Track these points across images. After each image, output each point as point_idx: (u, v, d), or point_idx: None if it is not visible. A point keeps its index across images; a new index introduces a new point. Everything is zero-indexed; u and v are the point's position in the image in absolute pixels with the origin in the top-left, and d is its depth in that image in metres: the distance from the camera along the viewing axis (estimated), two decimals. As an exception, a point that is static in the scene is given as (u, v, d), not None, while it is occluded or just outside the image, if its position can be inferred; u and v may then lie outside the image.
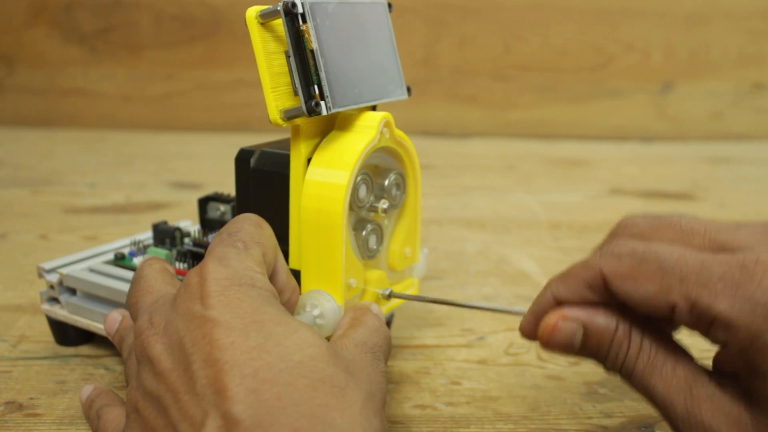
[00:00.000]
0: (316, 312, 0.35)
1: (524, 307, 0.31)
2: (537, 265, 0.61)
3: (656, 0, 1.17)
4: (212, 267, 0.30)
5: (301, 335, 0.28)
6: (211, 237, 0.45)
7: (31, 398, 0.39)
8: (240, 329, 0.27)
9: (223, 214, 0.48)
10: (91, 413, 0.35)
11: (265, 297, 0.30)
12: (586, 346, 0.29)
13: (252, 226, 0.34)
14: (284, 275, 0.34)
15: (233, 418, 0.24)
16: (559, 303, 0.29)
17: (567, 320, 0.29)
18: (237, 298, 0.29)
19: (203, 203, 0.48)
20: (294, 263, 0.37)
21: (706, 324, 0.26)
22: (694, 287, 0.26)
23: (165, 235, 0.47)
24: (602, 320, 0.28)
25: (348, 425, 0.25)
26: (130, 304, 0.35)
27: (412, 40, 1.17)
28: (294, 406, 0.25)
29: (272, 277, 0.33)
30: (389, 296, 0.39)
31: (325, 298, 0.35)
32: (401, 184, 0.40)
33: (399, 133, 0.39)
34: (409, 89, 0.40)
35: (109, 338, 0.38)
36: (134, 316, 0.34)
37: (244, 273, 0.30)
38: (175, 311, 0.29)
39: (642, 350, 0.28)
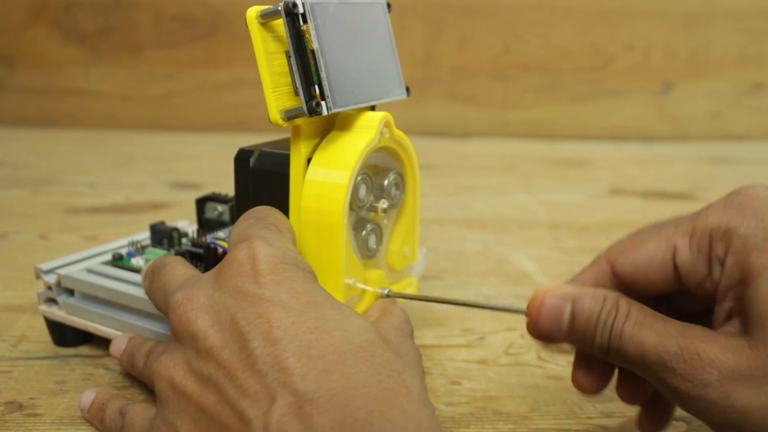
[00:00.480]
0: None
1: (525, 305, 0.31)
2: (537, 265, 0.61)
3: (656, 0, 1.17)
4: (260, 245, 0.29)
5: (355, 320, 0.28)
6: (209, 237, 0.45)
7: (31, 398, 0.39)
8: (297, 310, 0.27)
9: (221, 214, 0.48)
10: (108, 415, 0.34)
11: (312, 278, 0.30)
12: (575, 325, 0.29)
13: (277, 213, 0.34)
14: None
15: (305, 395, 0.24)
16: None
17: (554, 296, 0.29)
18: (288, 277, 0.28)
19: (201, 203, 0.48)
20: (294, 263, 0.37)
21: (705, 248, 0.28)
22: (689, 222, 0.29)
23: (162, 235, 0.47)
24: (590, 292, 0.29)
25: (415, 410, 0.25)
26: (154, 289, 0.34)
27: (412, 40, 1.17)
28: (365, 388, 0.25)
29: None
30: (387, 295, 0.39)
31: (325, 298, 0.35)
32: (400, 183, 0.40)
33: (398, 132, 0.39)
34: (408, 89, 0.40)
35: (117, 361, 0.38)
36: (161, 300, 0.33)
37: (288, 253, 0.30)
38: (222, 288, 0.29)
39: (630, 314, 0.28)
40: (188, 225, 0.52)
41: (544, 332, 0.29)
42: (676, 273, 0.29)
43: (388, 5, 0.39)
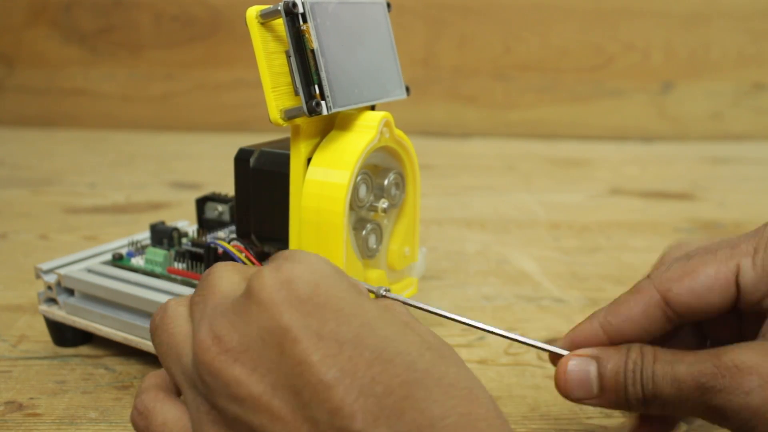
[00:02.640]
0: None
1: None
2: (537, 265, 0.61)
3: (656, 0, 1.17)
4: (291, 265, 0.25)
5: (410, 336, 0.25)
6: (209, 237, 0.45)
7: (31, 398, 0.39)
8: (351, 341, 0.23)
9: (221, 214, 0.48)
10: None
11: (357, 289, 0.26)
12: (605, 385, 0.29)
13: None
14: None
15: None
16: (609, 335, 0.30)
17: (576, 357, 0.29)
18: (333, 297, 0.24)
19: (201, 203, 0.48)
20: (294, 263, 0.37)
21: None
22: (750, 241, 0.29)
23: (162, 235, 0.47)
24: (611, 349, 0.29)
25: (499, 430, 0.23)
26: (192, 303, 0.28)
27: (412, 40, 1.17)
28: (441, 420, 0.22)
29: None
30: (384, 295, 0.38)
31: (325, 298, 0.35)
32: (400, 183, 0.40)
33: (398, 132, 0.39)
34: (408, 89, 0.40)
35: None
36: (193, 323, 0.28)
37: (325, 266, 0.26)
38: (255, 322, 0.24)
39: (657, 355, 0.28)
40: (188, 225, 0.52)
41: (576, 399, 0.29)
42: (738, 294, 0.29)
43: (388, 5, 0.39)
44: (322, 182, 0.35)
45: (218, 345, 0.24)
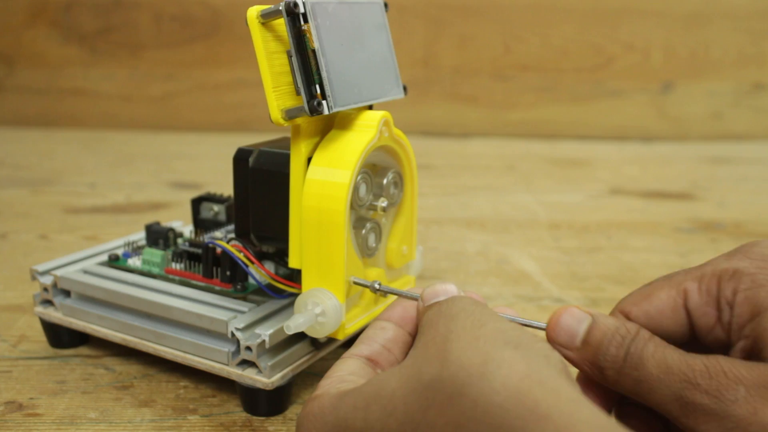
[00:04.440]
0: (317, 310, 0.35)
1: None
2: (537, 265, 0.61)
3: (656, 0, 1.17)
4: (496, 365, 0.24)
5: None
6: (206, 237, 0.45)
7: (31, 398, 0.39)
8: None
9: (217, 214, 0.48)
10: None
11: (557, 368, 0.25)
12: (590, 338, 0.29)
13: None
14: None
15: None
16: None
17: (576, 309, 0.30)
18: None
19: (196, 203, 0.48)
20: (294, 262, 0.37)
21: (714, 290, 0.28)
22: (698, 268, 0.29)
23: (158, 235, 0.46)
24: (612, 317, 0.29)
25: None
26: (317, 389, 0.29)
27: (412, 40, 1.17)
28: None
29: None
30: (378, 288, 0.37)
31: (326, 296, 0.35)
32: (399, 182, 0.40)
33: (397, 131, 0.39)
34: (405, 88, 0.40)
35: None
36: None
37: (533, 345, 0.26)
38: None
39: (653, 338, 0.28)
40: (182, 225, 0.52)
41: (559, 344, 0.29)
42: (689, 320, 0.29)
43: (386, 5, 0.39)
44: (323, 181, 0.35)
45: None
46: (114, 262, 0.45)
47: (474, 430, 0.23)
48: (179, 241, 0.47)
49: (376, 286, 0.36)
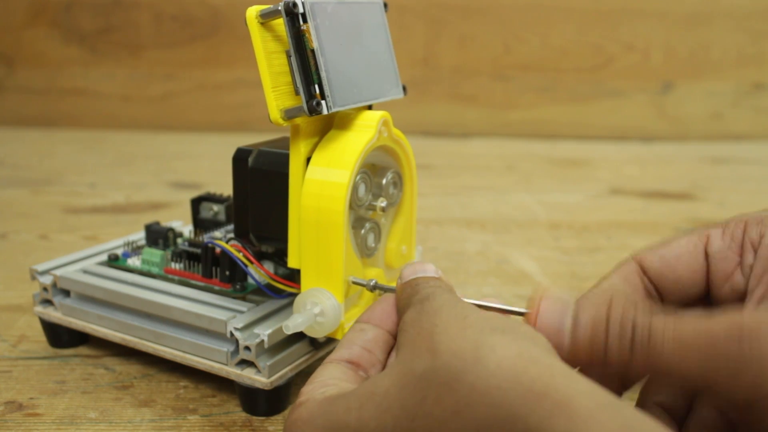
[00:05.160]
0: (316, 310, 0.35)
1: (525, 305, 0.30)
2: (537, 265, 0.61)
3: (656, 0, 1.17)
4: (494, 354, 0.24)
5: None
6: (205, 237, 0.45)
7: (31, 398, 0.39)
8: None
9: (216, 214, 0.48)
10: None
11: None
12: (578, 328, 0.27)
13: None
14: None
15: None
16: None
17: (552, 297, 0.28)
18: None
19: (196, 203, 0.48)
20: (293, 262, 0.37)
21: (739, 235, 0.29)
22: (722, 222, 0.30)
23: (158, 235, 0.46)
24: (588, 300, 0.27)
25: None
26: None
27: (412, 40, 1.17)
28: None
29: None
30: (375, 287, 0.37)
31: (325, 296, 0.35)
32: (398, 182, 0.40)
33: (395, 131, 0.39)
34: (404, 88, 0.40)
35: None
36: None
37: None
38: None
39: (655, 314, 0.26)
40: (182, 225, 0.52)
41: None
42: (707, 266, 0.29)
43: (385, 5, 0.39)
44: (322, 181, 0.35)
45: None
46: (114, 261, 0.45)
47: (473, 414, 0.23)
48: (179, 241, 0.47)
49: (372, 284, 0.36)
